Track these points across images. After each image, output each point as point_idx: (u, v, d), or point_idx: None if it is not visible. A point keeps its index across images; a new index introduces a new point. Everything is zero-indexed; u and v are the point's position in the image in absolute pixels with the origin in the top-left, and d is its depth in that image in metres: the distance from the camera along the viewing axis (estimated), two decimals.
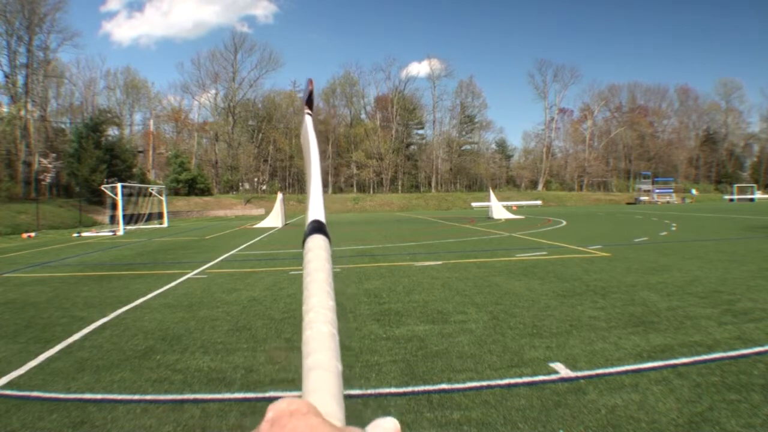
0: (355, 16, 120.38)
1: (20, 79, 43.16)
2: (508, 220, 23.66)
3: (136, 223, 29.89)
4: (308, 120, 0.71)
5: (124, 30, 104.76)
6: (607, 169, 77.97)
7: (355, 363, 3.58)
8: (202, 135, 68.82)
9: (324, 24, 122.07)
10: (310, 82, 0.76)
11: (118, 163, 42.93)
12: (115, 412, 2.91)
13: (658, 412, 2.66)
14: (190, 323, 4.98)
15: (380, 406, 2.88)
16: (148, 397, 3.12)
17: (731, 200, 58.57)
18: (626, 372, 3.27)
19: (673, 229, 15.56)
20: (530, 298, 5.61)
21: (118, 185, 25.37)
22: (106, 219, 34.43)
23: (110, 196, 28.89)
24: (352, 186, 71.01)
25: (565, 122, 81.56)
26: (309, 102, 0.74)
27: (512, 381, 3.19)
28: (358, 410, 2.82)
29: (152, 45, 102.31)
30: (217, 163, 65.88)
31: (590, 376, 3.21)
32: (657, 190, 59.69)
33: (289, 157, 67.13)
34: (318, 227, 0.48)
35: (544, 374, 3.28)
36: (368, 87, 78.40)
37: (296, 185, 69.63)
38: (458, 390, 3.08)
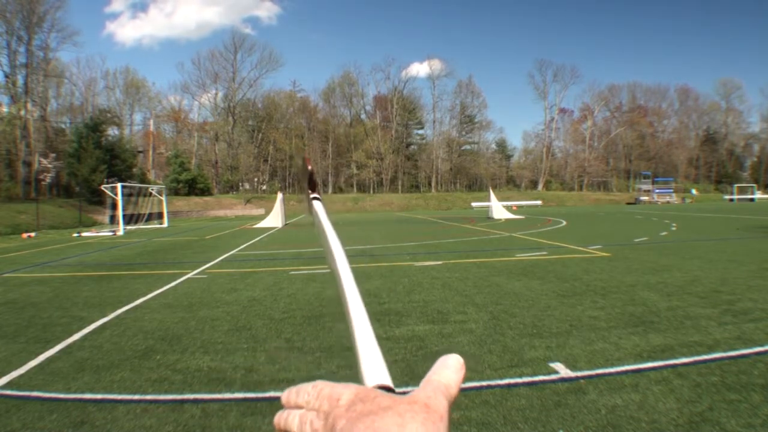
0: (356, 16, 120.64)
1: (20, 79, 43.22)
2: (508, 220, 23.66)
3: (136, 223, 29.89)
4: (316, 206, 0.60)
5: (127, 30, 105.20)
6: (607, 169, 77.99)
7: (355, 363, 3.58)
8: (202, 135, 68.84)
9: (326, 24, 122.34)
10: (307, 160, 0.64)
11: (118, 163, 42.96)
12: (115, 412, 2.91)
13: (658, 412, 2.66)
14: (190, 323, 4.98)
15: None
16: (148, 397, 3.12)
17: (731, 200, 58.55)
18: (626, 372, 3.27)
19: (673, 229, 15.56)
20: (530, 298, 5.61)
21: (118, 185, 25.38)
22: (106, 219, 34.44)
23: (110, 196, 28.89)
24: (352, 186, 71.03)
25: (565, 122, 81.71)
26: (311, 183, 0.63)
27: (512, 381, 3.19)
28: None
29: (155, 46, 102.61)
30: (217, 163, 65.89)
31: (590, 376, 3.21)
32: (657, 190, 59.70)
33: (289, 157, 67.15)
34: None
35: (544, 374, 3.28)
36: (368, 87, 78.45)
37: (296, 185, 69.62)
38: None
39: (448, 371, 0.36)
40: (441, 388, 0.34)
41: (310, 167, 0.63)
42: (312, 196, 0.63)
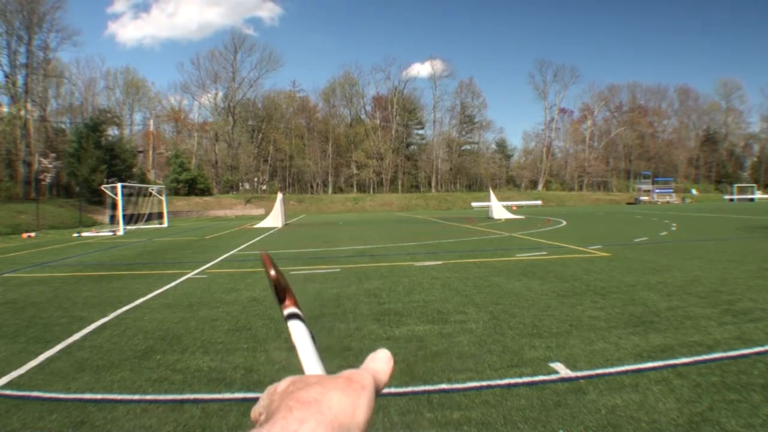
0: (356, 17, 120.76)
1: (20, 79, 43.18)
2: (508, 220, 23.66)
3: (136, 223, 29.88)
4: (294, 330, 0.43)
5: (129, 31, 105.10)
6: (607, 169, 77.98)
7: (355, 363, 3.57)
8: (202, 135, 68.82)
9: (327, 24, 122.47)
10: (265, 260, 0.46)
11: (118, 163, 42.93)
12: (115, 412, 2.91)
13: (658, 412, 2.66)
14: (190, 323, 4.98)
15: (380, 407, 2.88)
16: (148, 397, 3.12)
17: (731, 200, 58.56)
18: (626, 372, 3.27)
19: (673, 229, 15.56)
20: (530, 298, 5.61)
21: (118, 185, 25.37)
22: (106, 219, 34.44)
23: (110, 196, 28.89)
24: (352, 186, 71.01)
25: (565, 122, 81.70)
26: (279, 293, 0.45)
27: (512, 381, 3.19)
28: None
29: (157, 46, 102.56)
30: (217, 163, 65.87)
31: (590, 376, 3.21)
32: (657, 190, 59.70)
33: (289, 157, 67.14)
34: None
35: (544, 374, 3.28)
36: (368, 87, 78.47)
37: (296, 185, 69.65)
38: (458, 390, 3.08)
39: (377, 363, 0.40)
40: (369, 370, 0.38)
41: (272, 272, 0.44)
42: (287, 312, 0.44)
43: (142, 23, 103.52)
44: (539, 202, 57.74)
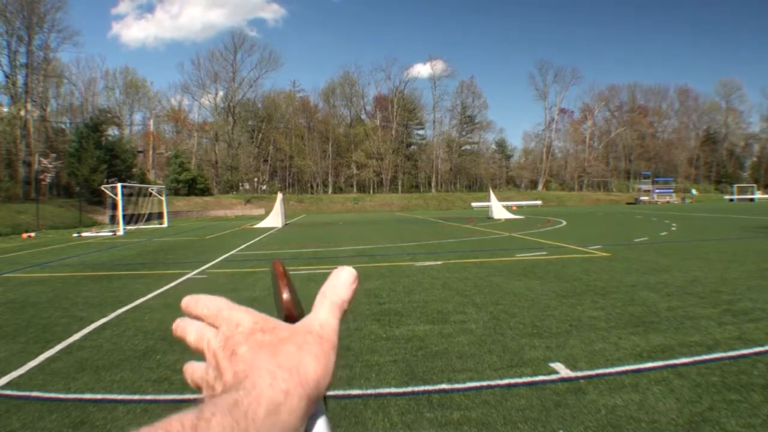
0: (359, 17, 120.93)
1: (20, 79, 43.18)
2: (508, 220, 23.66)
3: (136, 223, 29.88)
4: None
5: (133, 32, 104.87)
6: (607, 169, 77.98)
7: (355, 363, 3.58)
8: (202, 135, 68.81)
9: (329, 25, 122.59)
10: (280, 270, 0.38)
11: (118, 163, 42.93)
12: (115, 412, 2.91)
13: (658, 412, 2.66)
14: None
15: (380, 406, 2.88)
16: (148, 397, 3.12)
17: (731, 200, 58.56)
18: (626, 372, 3.27)
19: (673, 229, 15.55)
20: (530, 298, 5.61)
21: (118, 185, 25.36)
22: (106, 219, 34.43)
23: (110, 196, 28.88)
24: (352, 186, 70.98)
25: (565, 122, 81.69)
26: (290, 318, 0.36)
27: (512, 381, 3.19)
28: (358, 410, 2.82)
29: (161, 47, 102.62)
30: (217, 163, 65.86)
31: (590, 376, 3.21)
32: (657, 190, 59.69)
33: (289, 157, 67.13)
34: None
35: (544, 374, 3.28)
36: (368, 87, 78.46)
37: (296, 185, 69.64)
38: (458, 390, 3.08)
39: (340, 289, 0.39)
40: (335, 306, 0.38)
41: (285, 295, 0.36)
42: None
43: (146, 24, 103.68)
44: (539, 203, 57.72)
